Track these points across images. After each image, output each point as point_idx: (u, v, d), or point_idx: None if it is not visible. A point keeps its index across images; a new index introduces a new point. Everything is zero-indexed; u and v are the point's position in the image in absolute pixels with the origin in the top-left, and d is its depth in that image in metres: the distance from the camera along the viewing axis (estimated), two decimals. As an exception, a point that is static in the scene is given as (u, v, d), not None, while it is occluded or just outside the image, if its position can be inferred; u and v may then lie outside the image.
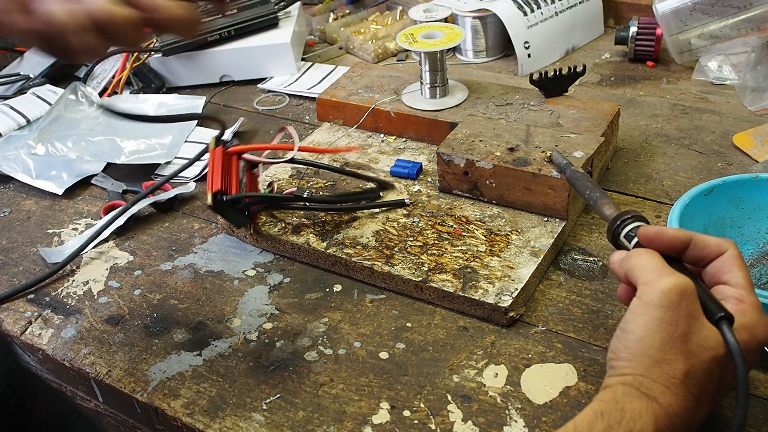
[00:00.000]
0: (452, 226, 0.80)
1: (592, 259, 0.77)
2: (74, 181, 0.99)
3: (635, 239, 0.60)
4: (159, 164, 1.00)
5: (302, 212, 0.84)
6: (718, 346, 0.52)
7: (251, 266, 0.82)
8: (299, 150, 0.81)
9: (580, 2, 1.18)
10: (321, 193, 0.87)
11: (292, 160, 0.82)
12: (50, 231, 0.92)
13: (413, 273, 0.74)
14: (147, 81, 1.19)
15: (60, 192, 0.98)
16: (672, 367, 0.51)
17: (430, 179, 0.88)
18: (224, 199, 0.76)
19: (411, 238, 0.78)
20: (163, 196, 0.91)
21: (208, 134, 1.05)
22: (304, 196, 0.81)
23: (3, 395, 0.35)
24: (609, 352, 0.55)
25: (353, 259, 0.77)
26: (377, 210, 0.83)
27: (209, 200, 0.75)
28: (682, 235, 0.57)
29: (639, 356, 0.52)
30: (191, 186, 0.93)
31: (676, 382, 0.51)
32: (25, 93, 1.17)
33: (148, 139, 1.03)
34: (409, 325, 0.72)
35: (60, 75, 1.26)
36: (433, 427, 0.62)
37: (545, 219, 0.79)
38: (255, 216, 0.80)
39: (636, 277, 0.55)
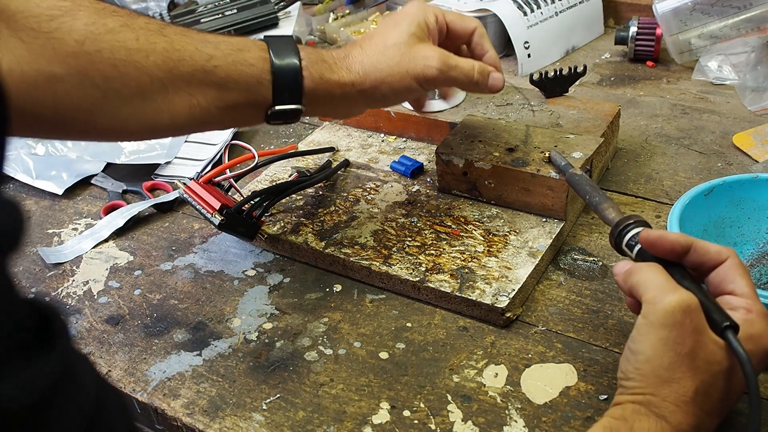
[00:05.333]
0: (451, 226, 0.80)
1: (592, 259, 0.77)
2: (74, 181, 0.99)
3: (637, 247, 0.60)
4: (159, 164, 1.00)
5: (301, 211, 0.84)
6: (724, 358, 0.52)
7: (251, 266, 0.82)
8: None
9: (580, 2, 1.18)
10: (320, 192, 0.88)
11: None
12: (50, 231, 0.92)
13: (411, 273, 0.74)
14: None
15: (60, 192, 0.98)
16: (681, 386, 0.51)
17: (429, 179, 0.88)
18: (231, 210, 0.76)
19: (409, 238, 0.78)
20: (164, 197, 0.92)
21: (208, 134, 1.05)
22: (309, 175, 0.87)
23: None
24: (619, 372, 0.55)
25: (351, 258, 0.77)
26: (376, 210, 0.83)
27: (217, 219, 0.76)
28: (683, 240, 0.57)
29: (648, 377, 0.52)
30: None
31: (686, 400, 0.51)
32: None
33: (148, 139, 1.03)
34: (409, 325, 0.72)
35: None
36: (433, 427, 0.62)
37: (544, 219, 0.79)
38: (260, 221, 0.80)
39: (640, 294, 0.55)
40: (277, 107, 0.66)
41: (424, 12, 0.73)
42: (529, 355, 0.67)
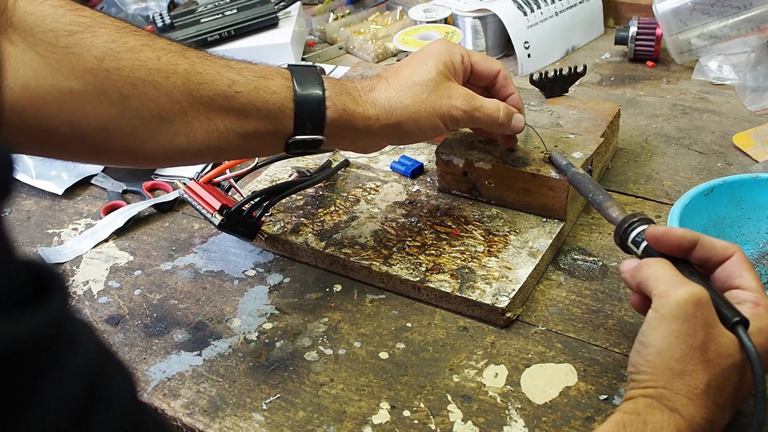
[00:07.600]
0: (451, 226, 0.80)
1: (592, 259, 0.77)
2: (74, 181, 0.99)
3: (643, 244, 0.60)
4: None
5: (301, 211, 0.84)
6: (736, 352, 0.52)
7: (251, 266, 0.82)
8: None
9: (580, 2, 1.18)
10: (320, 192, 0.88)
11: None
12: (50, 231, 0.92)
13: (411, 273, 0.74)
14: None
15: (60, 192, 0.98)
16: (693, 378, 0.51)
17: (429, 179, 0.88)
18: (232, 210, 0.76)
19: (409, 238, 0.78)
20: (164, 197, 0.92)
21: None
22: (309, 175, 0.87)
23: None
24: (629, 366, 0.55)
25: (351, 258, 0.77)
26: (376, 210, 0.83)
27: (217, 219, 0.76)
28: (690, 235, 0.57)
29: (660, 369, 0.52)
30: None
31: (698, 393, 0.51)
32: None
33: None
34: (409, 325, 0.72)
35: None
36: (433, 427, 0.62)
37: (544, 219, 0.79)
38: (260, 221, 0.81)
39: (650, 288, 0.55)
40: (297, 137, 0.65)
41: (451, 51, 0.71)
42: (529, 355, 0.67)
